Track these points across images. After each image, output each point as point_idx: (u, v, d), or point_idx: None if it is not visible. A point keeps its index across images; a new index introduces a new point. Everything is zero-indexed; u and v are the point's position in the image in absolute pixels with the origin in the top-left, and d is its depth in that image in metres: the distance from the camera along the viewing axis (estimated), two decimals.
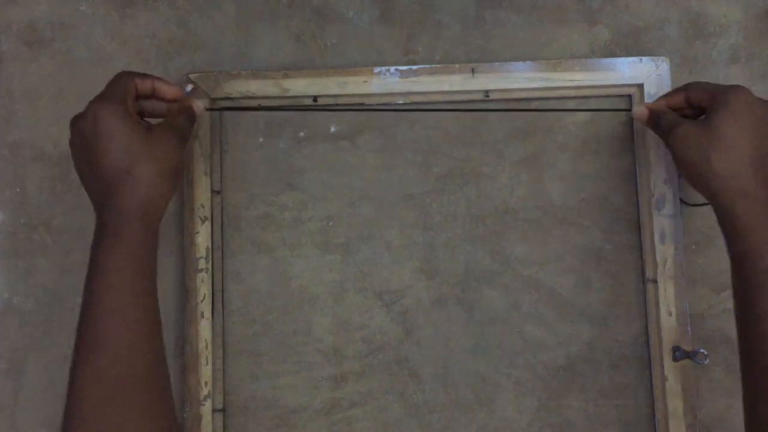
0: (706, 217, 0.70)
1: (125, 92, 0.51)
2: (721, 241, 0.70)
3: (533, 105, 0.71)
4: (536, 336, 0.69)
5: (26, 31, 0.73)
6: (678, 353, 0.65)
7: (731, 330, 0.69)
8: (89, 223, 0.71)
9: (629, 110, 0.64)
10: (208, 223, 0.68)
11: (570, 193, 0.71)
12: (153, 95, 0.54)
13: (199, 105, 0.59)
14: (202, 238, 0.67)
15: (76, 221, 0.70)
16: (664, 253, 0.67)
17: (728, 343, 0.69)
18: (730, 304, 0.70)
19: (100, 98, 0.50)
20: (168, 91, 0.55)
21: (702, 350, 0.62)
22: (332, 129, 0.71)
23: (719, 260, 0.70)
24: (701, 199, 0.59)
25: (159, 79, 0.55)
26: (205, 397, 0.66)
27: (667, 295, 0.67)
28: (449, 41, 0.73)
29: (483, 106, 0.71)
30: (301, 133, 0.71)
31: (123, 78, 0.52)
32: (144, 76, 0.54)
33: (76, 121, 0.50)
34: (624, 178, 0.71)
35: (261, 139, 0.71)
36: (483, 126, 0.71)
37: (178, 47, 0.72)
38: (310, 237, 0.70)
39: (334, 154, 0.71)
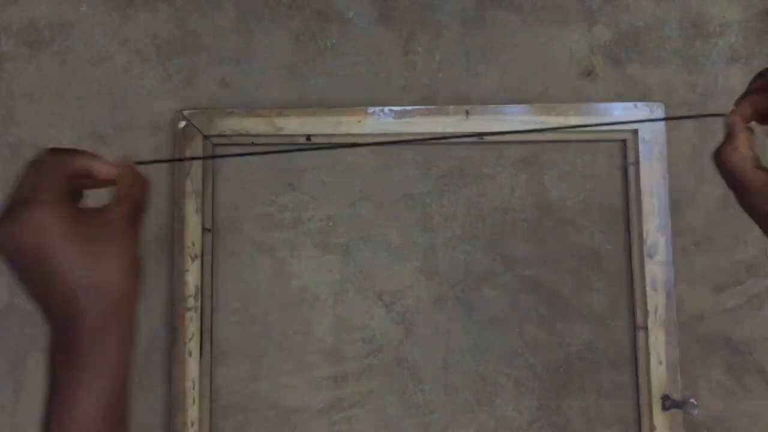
0: (707, 217, 0.70)
1: (56, 183, 0.39)
2: (721, 241, 0.70)
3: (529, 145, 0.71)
4: (536, 336, 0.69)
5: (26, 32, 0.73)
6: (667, 402, 0.65)
7: (731, 330, 0.69)
8: None
9: (724, 114, 0.42)
10: (198, 261, 0.67)
11: (570, 193, 0.71)
12: (87, 175, 0.42)
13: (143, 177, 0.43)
14: (192, 276, 0.67)
15: None
16: (655, 300, 0.67)
17: (728, 343, 0.69)
18: (730, 304, 0.70)
19: (30, 201, 0.37)
20: (105, 170, 0.42)
21: (692, 400, 0.62)
22: None
23: (719, 260, 0.70)
24: None
25: (93, 156, 0.42)
26: None
27: (657, 342, 0.66)
28: (449, 41, 0.73)
29: (477, 147, 0.70)
30: None
31: (50, 163, 0.40)
32: (72, 153, 0.41)
33: (5, 235, 0.37)
34: (624, 179, 0.71)
35: None
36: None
37: (178, 47, 0.72)
38: (310, 237, 0.70)
39: (335, 154, 0.71)
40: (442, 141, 0.70)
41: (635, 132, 0.68)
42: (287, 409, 0.68)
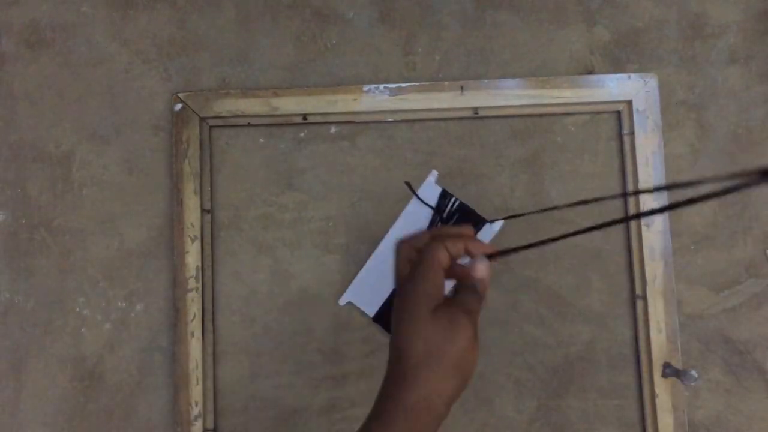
0: (706, 217, 0.70)
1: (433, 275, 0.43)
2: (721, 241, 0.70)
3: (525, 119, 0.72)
4: (536, 336, 0.69)
5: (27, 32, 0.73)
6: (668, 370, 0.65)
7: (731, 330, 0.69)
8: (89, 223, 0.72)
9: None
10: (198, 243, 0.68)
11: (570, 193, 0.71)
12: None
13: (481, 268, 0.46)
14: (192, 257, 0.67)
15: (76, 221, 0.71)
16: (653, 269, 0.67)
17: (727, 343, 0.69)
18: (730, 304, 0.70)
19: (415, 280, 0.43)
20: (479, 248, 0.46)
21: (693, 372, 0.62)
22: (332, 129, 0.72)
23: (719, 260, 0.70)
24: None
25: (471, 237, 0.46)
26: (196, 417, 0.65)
27: (656, 311, 0.67)
28: (449, 42, 0.73)
29: (472, 123, 0.71)
30: (302, 134, 0.72)
31: (431, 255, 0.43)
32: (456, 238, 0.45)
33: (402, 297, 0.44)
34: (623, 178, 0.71)
35: (261, 140, 0.71)
36: (482, 127, 0.72)
37: (178, 47, 0.73)
38: (310, 237, 0.70)
39: (334, 154, 0.71)
40: (438, 118, 0.70)
41: (629, 103, 0.69)
42: (287, 409, 0.68)
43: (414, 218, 0.68)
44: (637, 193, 0.67)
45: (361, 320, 0.70)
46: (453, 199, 0.69)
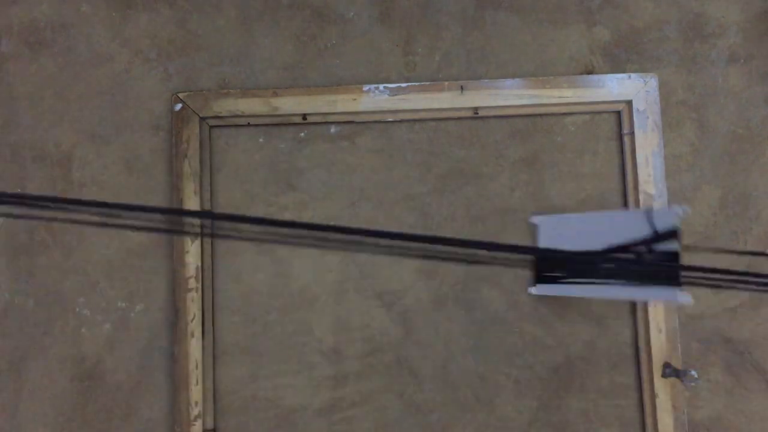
0: (706, 218, 0.70)
1: None
2: (720, 242, 0.70)
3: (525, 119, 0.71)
4: (536, 336, 0.69)
5: (27, 32, 0.73)
6: (668, 370, 0.66)
7: (731, 330, 0.69)
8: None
9: None
10: (198, 243, 0.68)
11: (570, 193, 0.71)
12: None
13: None
14: (192, 257, 0.67)
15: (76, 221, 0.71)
16: None
17: (728, 343, 0.69)
18: (729, 304, 0.70)
19: None
20: None
21: (693, 372, 0.62)
22: (332, 129, 0.72)
23: (719, 260, 0.70)
24: None
25: None
26: (196, 417, 0.66)
27: (656, 311, 0.67)
28: (449, 42, 0.73)
29: (472, 122, 0.71)
30: (302, 134, 0.71)
31: None
32: None
33: None
34: (623, 178, 0.71)
35: (261, 140, 0.71)
36: (483, 127, 0.72)
37: (178, 47, 0.73)
38: (310, 237, 0.70)
39: (334, 154, 0.71)
40: (438, 118, 0.70)
41: (629, 103, 0.69)
42: (287, 409, 0.68)
43: (618, 224, 0.58)
44: None
45: (361, 320, 0.70)
46: (677, 245, 0.58)
